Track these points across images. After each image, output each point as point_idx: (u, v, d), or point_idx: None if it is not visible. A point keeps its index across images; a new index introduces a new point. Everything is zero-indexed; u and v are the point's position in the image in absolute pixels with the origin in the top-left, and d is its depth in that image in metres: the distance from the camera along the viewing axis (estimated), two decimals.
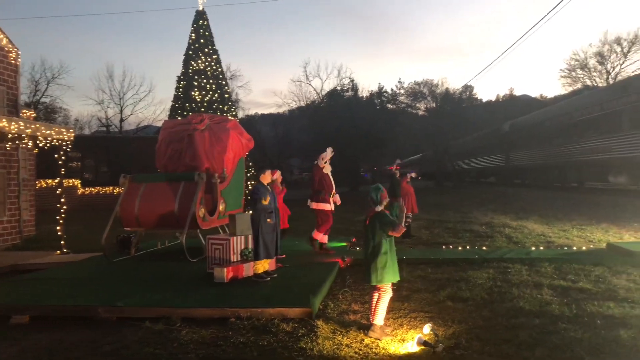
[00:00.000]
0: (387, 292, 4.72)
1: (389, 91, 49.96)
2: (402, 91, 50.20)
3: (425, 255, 8.79)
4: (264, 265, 6.90)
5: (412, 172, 12.22)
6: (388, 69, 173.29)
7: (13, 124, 8.66)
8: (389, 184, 11.73)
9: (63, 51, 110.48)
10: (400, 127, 45.32)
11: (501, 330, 4.72)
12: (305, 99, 50.02)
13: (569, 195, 22.13)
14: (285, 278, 6.87)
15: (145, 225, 8.93)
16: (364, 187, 35.54)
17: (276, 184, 9.11)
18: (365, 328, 4.74)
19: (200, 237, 9.30)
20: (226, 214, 9.40)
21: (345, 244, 10.14)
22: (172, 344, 4.64)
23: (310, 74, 50.26)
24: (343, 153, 39.11)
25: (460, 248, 9.41)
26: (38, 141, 9.59)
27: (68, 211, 10.74)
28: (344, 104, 42.95)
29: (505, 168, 35.33)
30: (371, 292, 4.83)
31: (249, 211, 7.09)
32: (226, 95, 22.78)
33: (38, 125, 9.40)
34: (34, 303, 5.91)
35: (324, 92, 48.76)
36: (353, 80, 46.45)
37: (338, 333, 4.75)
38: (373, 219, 4.72)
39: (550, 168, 27.56)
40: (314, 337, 4.61)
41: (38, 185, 19.75)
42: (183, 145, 9.66)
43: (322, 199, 9.08)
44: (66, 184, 21.23)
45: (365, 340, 4.53)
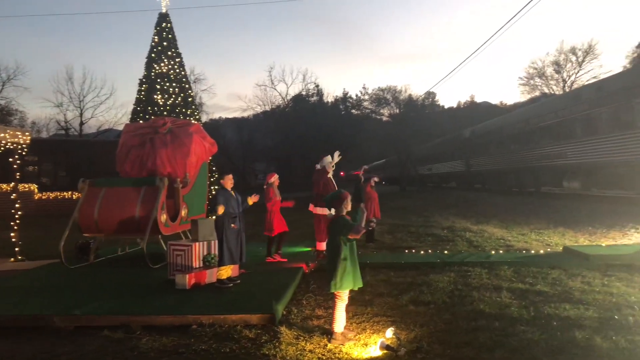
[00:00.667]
0: (342, 300, 4.69)
1: (354, 97, 50.37)
2: (367, 97, 50.64)
3: (389, 259, 8.87)
4: (227, 271, 6.85)
5: (375, 177, 12.34)
6: (353, 74, 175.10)
7: None
8: (354, 189, 11.81)
9: (19, 52, 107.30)
10: (364, 133, 45.74)
11: (462, 333, 4.80)
12: (270, 104, 49.98)
13: (527, 200, 22.75)
14: (248, 284, 6.82)
15: (105, 231, 8.73)
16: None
17: (272, 188, 9.08)
18: (329, 333, 4.74)
19: (161, 243, 9.15)
20: (188, 220, 9.28)
21: (309, 248, 10.15)
22: (132, 352, 4.54)
23: (275, 78, 50.30)
24: (308, 158, 39.18)
25: (422, 252, 9.54)
26: None
27: (24, 217, 10.40)
28: (309, 109, 43.10)
29: (465, 173, 36.08)
30: (333, 298, 4.84)
31: (212, 216, 7.01)
32: (189, 99, 22.50)
33: None
34: None
35: (289, 97, 48.83)
36: (318, 86, 46.70)
37: (301, 339, 4.74)
38: (332, 225, 4.73)
39: (509, 173, 28.29)
40: (277, 343, 4.59)
41: None
42: (145, 149, 9.49)
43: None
44: (22, 189, 20.56)
45: (329, 346, 4.54)
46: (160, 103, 21.17)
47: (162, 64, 21.90)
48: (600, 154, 18.39)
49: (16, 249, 9.70)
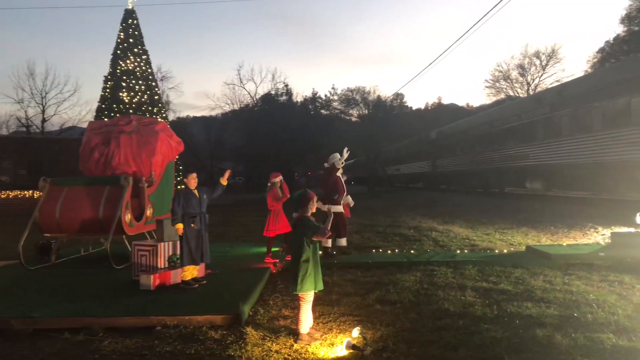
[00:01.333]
0: (307, 301, 4.67)
1: (323, 97, 50.47)
2: (336, 97, 50.82)
3: (356, 259, 8.91)
4: (192, 271, 6.76)
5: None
6: (322, 75, 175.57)
7: None
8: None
9: None
10: (333, 133, 45.87)
11: (427, 332, 4.85)
12: (238, 103, 49.66)
13: (491, 200, 23.22)
14: (214, 284, 6.75)
15: (66, 231, 8.51)
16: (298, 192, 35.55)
17: (275, 188, 8.97)
18: (296, 333, 4.73)
19: (126, 243, 8.98)
20: (154, 219, 9.13)
21: (277, 248, 10.09)
22: (93, 355, 4.43)
23: (244, 77, 50.15)
24: (276, 157, 39.08)
25: (389, 252, 9.62)
26: None
27: None
28: (278, 108, 42.98)
29: (432, 174, 36.61)
30: (298, 300, 4.82)
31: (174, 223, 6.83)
32: (156, 97, 22.19)
33: None
34: None
35: (258, 96, 48.57)
36: (287, 85, 46.66)
37: (267, 339, 4.72)
38: (297, 225, 4.71)
39: (474, 174, 28.84)
40: (243, 344, 4.55)
41: None
42: (109, 147, 9.29)
43: (336, 202, 9.02)
44: None
45: (295, 346, 4.52)
46: (126, 101, 20.80)
47: (128, 61, 21.53)
48: (561, 156, 18.92)
49: None
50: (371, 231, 13.28)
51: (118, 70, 21.38)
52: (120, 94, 20.88)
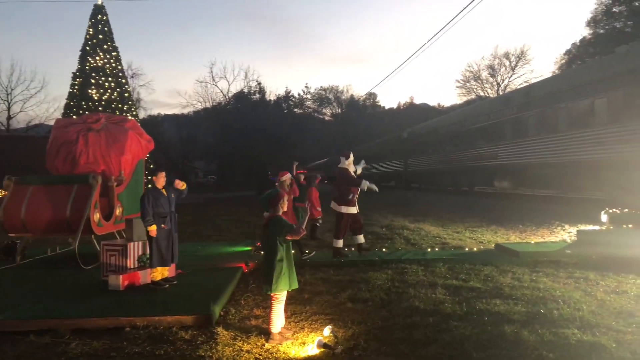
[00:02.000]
0: (279, 301, 4.66)
1: (296, 96, 50.44)
2: (309, 96, 50.92)
3: (328, 257, 8.91)
4: (162, 272, 6.66)
5: (318, 177, 12.35)
6: (295, 73, 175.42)
7: None
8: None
9: None
10: (307, 131, 45.88)
11: (398, 329, 4.89)
12: (211, 100, 49.25)
13: (462, 199, 23.56)
14: (185, 284, 6.67)
15: (32, 230, 8.31)
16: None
17: (283, 187, 8.92)
18: (267, 333, 4.71)
19: (94, 243, 8.81)
20: (123, 219, 8.99)
21: (249, 248, 10.06)
22: (59, 358, 4.34)
23: (216, 75, 49.80)
24: (250, 156, 38.88)
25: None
26: None
27: None
28: (251, 106, 42.72)
29: (404, 173, 36.96)
30: (270, 300, 4.80)
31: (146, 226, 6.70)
32: (126, 94, 21.84)
33: None
34: None
35: (230, 94, 48.25)
36: (260, 83, 46.44)
37: (239, 339, 4.69)
38: (269, 225, 4.69)
39: (444, 173, 29.22)
40: (214, 344, 4.51)
41: None
42: (77, 145, 9.11)
43: (351, 202, 8.99)
44: None
45: (266, 346, 4.50)
46: (95, 98, 20.42)
47: (98, 58, 21.14)
48: (528, 156, 19.34)
49: None
50: None
51: (87, 67, 20.97)
52: (89, 91, 20.49)
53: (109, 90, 20.91)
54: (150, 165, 19.44)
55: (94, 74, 20.85)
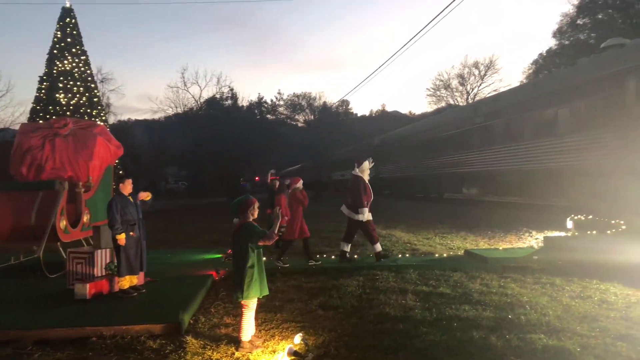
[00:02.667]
0: (250, 309, 4.64)
1: (269, 102, 50.37)
2: (282, 102, 50.88)
3: (300, 264, 8.90)
4: (131, 279, 6.55)
5: (287, 182, 12.31)
6: (268, 79, 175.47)
7: None
8: (268, 194, 11.79)
9: None
10: (280, 138, 45.84)
11: (368, 336, 4.91)
12: (182, 106, 48.69)
13: (432, 206, 23.83)
14: (154, 292, 6.57)
15: None
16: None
17: (296, 193, 9.02)
18: (237, 341, 4.67)
19: (60, 251, 8.60)
20: (91, 226, 8.80)
21: (220, 255, 9.97)
22: None
23: (188, 80, 49.32)
24: (222, 162, 38.61)
25: (333, 257, 9.66)
26: None
27: None
28: (224, 112, 42.49)
29: (375, 179, 37.19)
30: (240, 307, 4.76)
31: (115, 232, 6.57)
32: (95, 99, 21.46)
33: None
34: None
35: (202, 100, 47.84)
36: (233, 89, 46.25)
37: (208, 348, 4.63)
38: (240, 231, 4.66)
39: (414, 180, 29.58)
40: (183, 353, 4.45)
41: None
42: (43, 151, 8.90)
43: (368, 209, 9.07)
44: None
45: (236, 354, 4.46)
46: (63, 102, 20.02)
47: (66, 61, 20.73)
48: (495, 163, 19.75)
49: None
50: (316, 236, 13.30)
51: (55, 71, 20.55)
52: (57, 95, 20.07)
53: (78, 95, 20.52)
54: (120, 172, 19.12)
55: (62, 78, 20.44)
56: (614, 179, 13.00)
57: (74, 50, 21.09)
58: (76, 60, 21.02)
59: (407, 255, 9.73)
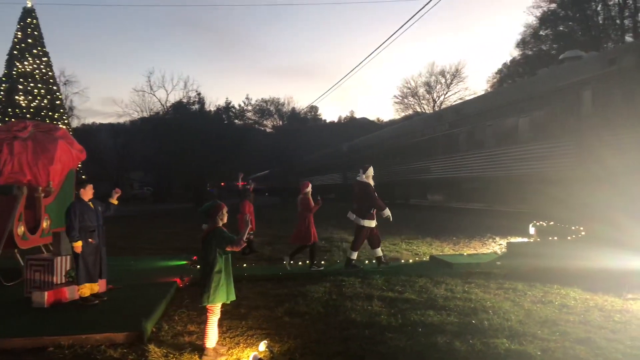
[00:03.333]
0: (215, 314, 4.58)
1: (237, 107, 50.09)
2: (250, 107, 50.66)
3: (267, 271, 8.85)
4: (92, 287, 6.38)
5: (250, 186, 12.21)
6: (236, 84, 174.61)
7: None
8: (239, 200, 11.69)
9: None
10: (248, 143, 45.61)
11: (334, 342, 4.90)
12: (148, 110, 47.96)
13: (398, 212, 23.97)
14: (116, 300, 6.43)
15: None
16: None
17: (307, 197, 9.12)
18: (201, 349, 4.60)
19: (18, 258, 8.32)
20: (51, 232, 8.55)
21: (185, 262, 9.82)
22: None
23: (154, 84, 48.51)
24: (188, 167, 38.14)
25: (300, 263, 9.64)
26: None
27: None
28: (191, 117, 42.04)
29: (343, 185, 37.41)
30: (205, 313, 4.70)
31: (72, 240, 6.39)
32: (58, 102, 20.94)
33: None
34: None
35: (169, 104, 47.24)
36: (200, 94, 45.83)
37: (171, 356, 4.54)
38: (209, 236, 4.61)
39: (381, 186, 29.79)
40: None
41: None
42: (1, 155, 8.60)
43: (371, 215, 9.15)
44: None
45: None
46: (23, 105, 19.48)
47: (27, 63, 20.20)
48: (458, 170, 20.12)
49: None
50: (283, 242, 13.27)
51: (14, 72, 19.99)
52: (17, 97, 19.51)
53: (39, 97, 19.99)
54: (82, 176, 18.68)
55: (22, 80, 19.89)
56: (573, 186, 13.38)
57: (35, 51, 20.57)
58: (37, 61, 20.50)
59: (374, 261, 9.76)
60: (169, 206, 38.48)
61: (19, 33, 20.42)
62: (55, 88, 21.19)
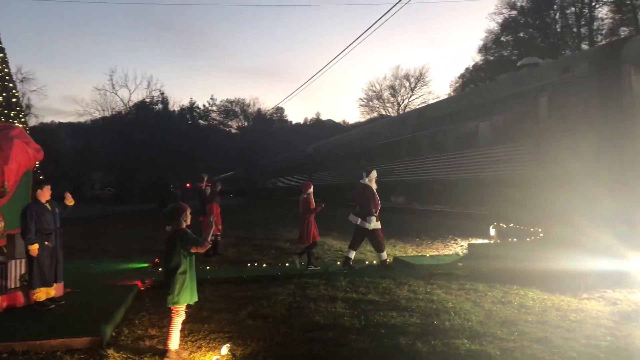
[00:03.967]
0: (180, 315, 4.55)
1: (201, 107, 49.52)
2: (215, 108, 50.14)
3: (230, 274, 8.76)
4: (47, 291, 6.18)
5: (217, 187, 12.02)
6: (200, 84, 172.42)
7: None
8: (200, 201, 11.53)
9: None
10: (212, 144, 45.19)
11: (297, 345, 4.89)
12: (110, 109, 46.88)
13: None
14: (74, 304, 6.24)
15: None
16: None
17: (309, 198, 9.04)
18: (162, 354, 4.52)
19: None
20: (5, 234, 8.24)
21: (146, 264, 9.63)
22: None
23: (116, 83, 47.41)
24: (151, 167, 37.48)
25: (265, 265, 9.60)
26: None
27: None
28: (154, 117, 41.35)
29: None
30: (170, 314, 4.63)
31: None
32: (14, 100, 20.21)
33: None
34: None
35: (131, 104, 46.31)
36: (163, 93, 45.13)
37: None
38: (173, 238, 4.55)
39: (346, 188, 30.02)
40: None
41: None
42: None
43: (377, 218, 9.08)
44: None
45: None
46: None
47: None
48: (420, 173, 20.43)
49: None
50: (248, 244, 13.18)
51: None
52: None
53: None
54: (40, 177, 18.10)
55: None
56: (531, 189, 13.75)
57: None
58: None
59: (338, 263, 9.80)
60: (131, 207, 37.72)
61: None
62: (11, 85, 20.42)
